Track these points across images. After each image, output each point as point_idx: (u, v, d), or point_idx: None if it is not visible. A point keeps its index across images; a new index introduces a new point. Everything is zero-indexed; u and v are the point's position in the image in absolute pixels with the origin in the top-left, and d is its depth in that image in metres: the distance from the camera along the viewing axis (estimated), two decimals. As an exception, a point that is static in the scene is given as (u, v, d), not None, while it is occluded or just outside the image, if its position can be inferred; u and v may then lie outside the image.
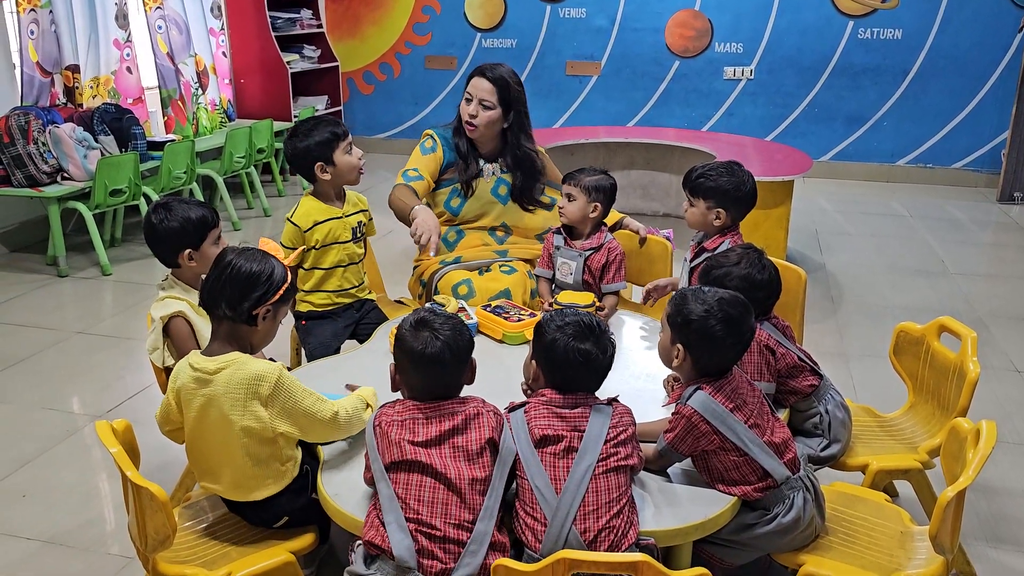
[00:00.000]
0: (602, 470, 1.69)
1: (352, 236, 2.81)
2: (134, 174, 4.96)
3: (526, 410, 1.79)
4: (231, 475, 1.89)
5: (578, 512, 1.66)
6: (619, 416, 1.78)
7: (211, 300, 1.89)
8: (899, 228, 5.85)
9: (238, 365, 1.84)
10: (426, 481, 1.67)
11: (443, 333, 1.74)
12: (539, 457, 1.71)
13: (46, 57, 5.28)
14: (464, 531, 1.64)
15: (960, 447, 1.82)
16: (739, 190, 2.59)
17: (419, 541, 1.63)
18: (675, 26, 7.19)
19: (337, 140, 2.71)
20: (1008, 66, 6.61)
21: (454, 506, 1.65)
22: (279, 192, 6.73)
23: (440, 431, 1.71)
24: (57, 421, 3.20)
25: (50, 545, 2.48)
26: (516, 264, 3.03)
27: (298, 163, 2.75)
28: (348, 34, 8.00)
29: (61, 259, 4.80)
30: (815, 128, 7.14)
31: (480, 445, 1.71)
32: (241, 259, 1.89)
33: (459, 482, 1.66)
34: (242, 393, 1.82)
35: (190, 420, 1.90)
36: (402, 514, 1.65)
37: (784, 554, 1.90)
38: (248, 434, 1.84)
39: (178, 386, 1.89)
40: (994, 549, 2.46)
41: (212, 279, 1.90)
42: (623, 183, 6.12)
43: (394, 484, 1.68)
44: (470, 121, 3.00)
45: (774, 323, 2.27)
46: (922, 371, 2.43)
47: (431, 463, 1.67)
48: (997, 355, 3.77)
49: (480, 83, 2.98)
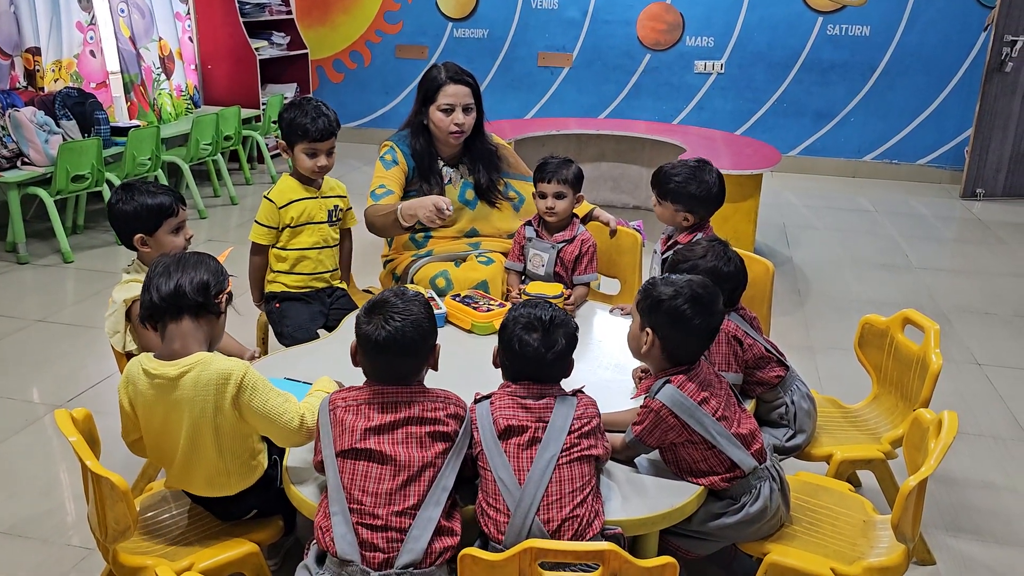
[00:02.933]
0: (565, 460, 1.69)
1: (328, 218, 2.80)
2: (97, 160, 4.87)
3: (492, 401, 1.78)
4: (204, 475, 1.84)
5: (541, 502, 1.66)
6: (584, 407, 1.77)
7: (170, 299, 1.79)
8: (865, 223, 5.93)
9: (203, 365, 1.77)
10: (372, 470, 1.65)
11: (394, 321, 1.69)
12: (503, 448, 1.71)
13: (6, 39, 5.16)
14: (407, 518, 1.63)
15: (922, 437, 1.84)
16: (707, 194, 2.61)
17: (360, 534, 1.62)
18: (647, 19, 7.20)
19: (302, 137, 2.69)
20: (972, 64, 6.71)
21: (398, 494, 1.63)
22: (246, 180, 6.65)
23: (395, 417, 1.68)
24: (16, 410, 3.13)
25: (8, 536, 2.43)
26: (492, 255, 2.98)
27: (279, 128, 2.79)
28: (318, 21, 7.91)
29: (21, 246, 4.70)
30: (784, 123, 7.20)
31: (434, 431, 1.69)
32: (182, 256, 1.86)
33: (409, 468, 1.65)
34: (212, 393, 1.75)
35: (154, 427, 1.83)
36: (347, 505, 1.64)
37: (750, 543, 1.92)
38: (219, 433, 1.80)
39: (132, 393, 1.82)
40: (953, 538, 2.50)
41: (160, 279, 1.81)
42: (593, 175, 6.13)
43: (341, 473, 1.67)
44: (458, 130, 2.91)
45: (741, 314, 2.29)
46: (886, 363, 2.46)
47: (381, 449, 1.66)
48: (959, 348, 3.83)
49: (460, 89, 2.90)
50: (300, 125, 2.69)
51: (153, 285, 1.81)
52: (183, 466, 1.84)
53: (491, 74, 7.67)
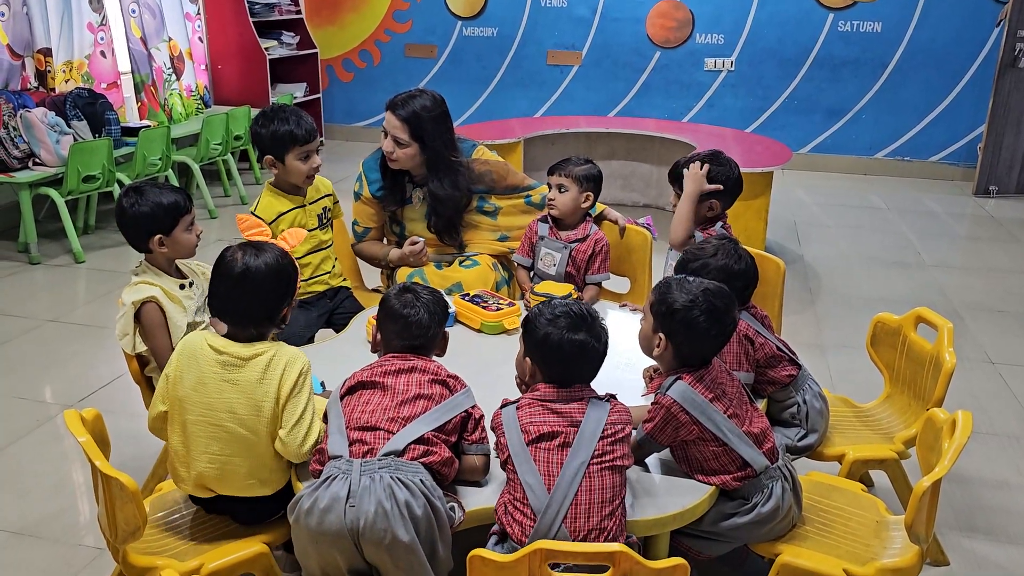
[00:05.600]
0: (596, 468, 1.67)
1: (319, 223, 2.78)
2: (108, 160, 4.88)
3: (519, 407, 1.76)
4: (251, 466, 1.82)
5: (569, 510, 1.64)
6: (617, 414, 1.75)
7: (238, 317, 1.86)
8: (876, 220, 5.89)
9: (277, 351, 1.83)
10: (374, 396, 1.78)
11: (423, 296, 1.91)
12: (532, 454, 1.68)
13: (17, 39, 5.18)
14: (398, 424, 1.73)
15: (936, 437, 1.82)
16: (729, 179, 2.62)
17: (351, 435, 1.72)
18: (656, 16, 7.17)
19: (292, 144, 2.63)
20: (985, 60, 6.66)
21: (394, 411, 1.75)
22: (256, 179, 6.66)
23: (403, 366, 1.83)
24: (28, 410, 3.15)
25: (19, 536, 2.44)
26: (479, 258, 2.94)
27: (255, 145, 2.73)
28: (327, 21, 7.91)
29: (33, 246, 4.72)
30: (795, 120, 7.17)
31: (436, 378, 1.82)
32: (256, 270, 1.84)
33: (406, 393, 1.77)
34: (277, 376, 1.80)
35: (199, 405, 1.80)
36: (344, 421, 1.75)
37: (761, 544, 1.90)
38: (273, 422, 1.80)
39: (183, 366, 1.82)
40: (967, 539, 2.48)
41: (230, 297, 1.85)
42: (603, 173, 6.10)
43: (344, 404, 1.80)
44: (390, 157, 2.84)
45: (752, 313, 2.27)
46: (899, 362, 2.44)
47: (384, 382, 1.80)
48: (971, 346, 3.80)
49: (390, 120, 2.79)
50: (286, 133, 2.62)
51: (226, 305, 1.88)
52: (225, 458, 1.80)
53: (500, 73, 7.66)
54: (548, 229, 2.84)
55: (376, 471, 1.63)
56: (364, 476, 1.63)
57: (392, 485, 1.62)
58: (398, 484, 1.62)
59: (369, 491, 1.61)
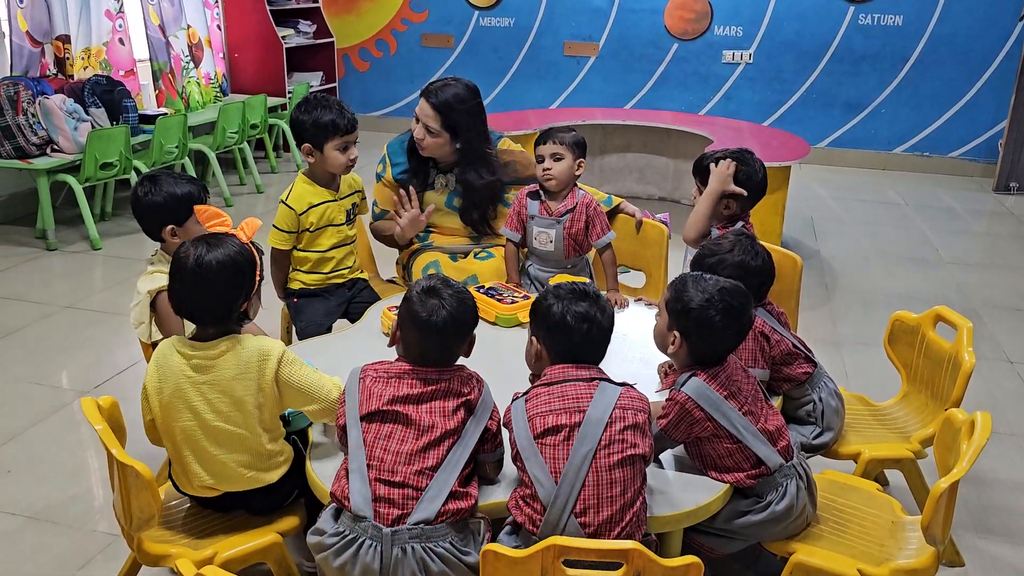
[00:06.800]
0: (604, 459, 1.63)
1: (346, 219, 2.78)
2: (125, 147, 4.90)
3: (527, 398, 1.74)
4: (248, 459, 1.83)
5: (577, 502, 1.62)
6: (628, 399, 1.71)
7: (198, 314, 1.83)
8: (894, 216, 5.84)
9: (241, 344, 1.81)
10: (396, 431, 1.69)
11: (449, 304, 1.75)
12: (538, 448, 1.67)
13: (36, 27, 5.20)
14: (425, 478, 1.65)
15: (954, 438, 1.81)
16: (751, 181, 2.57)
17: (377, 490, 1.64)
18: (674, 8, 7.12)
19: (333, 133, 2.63)
20: (1007, 55, 6.57)
21: (419, 455, 1.66)
22: (272, 168, 6.68)
23: (425, 390, 1.72)
24: (44, 396, 3.17)
25: (35, 521, 2.46)
26: (493, 251, 2.93)
27: (294, 132, 2.72)
28: (344, 9, 7.91)
29: (50, 232, 4.75)
30: (813, 114, 7.11)
31: (459, 403, 1.72)
32: (208, 265, 1.78)
33: (431, 432, 1.68)
34: (254, 369, 1.79)
35: (183, 412, 1.80)
36: (365, 462, 1.67)
37: (775, 542, 1.89)
38: (262, 409, 1.81)
39: (160, 378, 1.81)
40: (983, 540, 2.46)
41: (186, 294, 1.81)
42: (619, 166, 6.09)
43: (365, 432, 1.70)
44: (419, 143, 2.84)
45: (769, 309, 2.26)
46: (916, 360, 2.42)
47: (407, 413, 1.70)
48: (990, 345, 3.76)
49: (423, 107, 2.78)
50: (328, 122, 2.61)
51: (182, 302, 1.84)
52: (223, 455, 1.82)
53: (517, 63, 7.64)
54: (539, 206, 2.73)
55: (407, 542, 1.61)
56: (395, 547, 1.60)
57: (426, 558, 1.61)
58: (431, 556, 1.61)
59: (403, 565, 1.60)
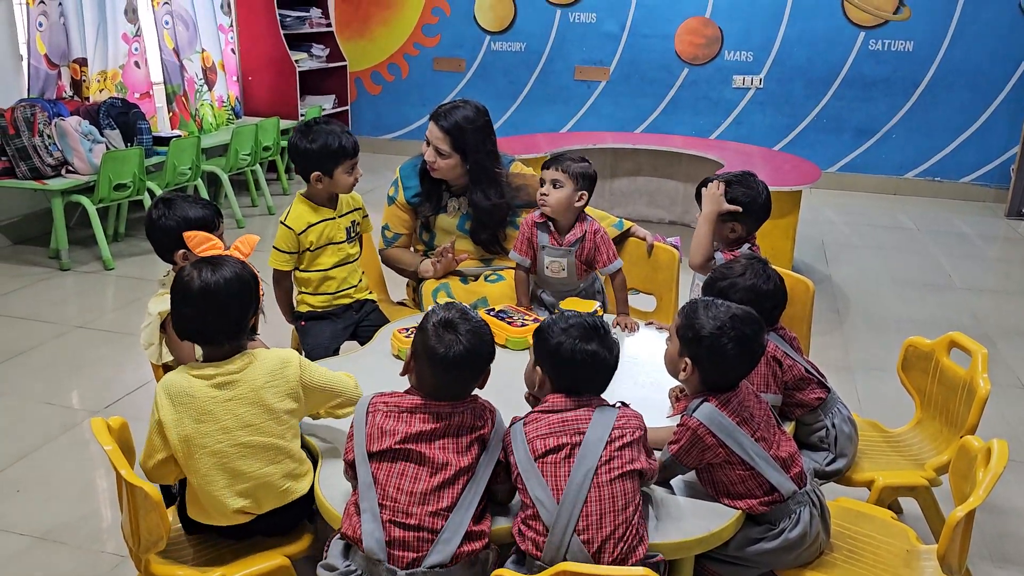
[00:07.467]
0: (605, 475, 1.64)
1: (346, 236, 2.79)
2: (139, 169, 4.94)
3: (526, 422, 1.74)
4: (282, 469, 1.81)
5: (579, 520, 1.61)
6: (625, 419, 1.72)
7: (209, 334, 1.83)
8: (906, 241, 5.82)
9: (259, 355, 1.84)
10: (409, 469, 1.66)
11: (467, 339, 1.70)
12: (539, 468, 1.67)
13: (54, 49, 5.27)
14: (440, 519, 1.63)
15: (969, 466, 1.78)
16: (754, 203, 2.56)
17: (391, 532, 1.62)
18: (685, 33, 7.17)
19: (343, 158, 2.65)
20: (1019, 81, 6.58)
21: (433, 495, 1.64)
22: (284, 190, 6.72)
23: (437, 426, 1.69)
24: (55, 415, 3.18)
25: (43, 541, 2.46)
26: (504, 273, 2.93)
27: (297, 160, 2.73)
28: (357, 34, 7.99)
29: (64, 252, 4.78)
30: (824, 139, 7.11)
31: (472, 438, 1.71)
32: (216, 286, 1.78)
33: (445, 470, 1.66)
34: (279, 375, 1.82)
35: (211, 437, 1.76)
36: (376, 502, 1.64)
37: (788, 571, 1.87)
38: (293, 416, 1.84)
39: (175, 410, 1.77)
40: (1000, 568, 2.42)
41: (195, 316, 1.80)
42: (629, 190, 6.10)
43: (375, 470, 1.67)
44: (431, 166, 2.85)
45: (781, 334, 2.24)
46: (930, 387, 2.39)
47: (420, 451, 1.67)
48: (1003, 371, 3.73)
49: (433, 130, 2.80)
50: (336, 147, 2.64)
51: (188, 327, 1.85)
52: (258, 476, 1.79)
53: (528, 87, 7.68)
54: (549, 237, 2.73)
55: None
56: None
57: None
58: None
59: None
